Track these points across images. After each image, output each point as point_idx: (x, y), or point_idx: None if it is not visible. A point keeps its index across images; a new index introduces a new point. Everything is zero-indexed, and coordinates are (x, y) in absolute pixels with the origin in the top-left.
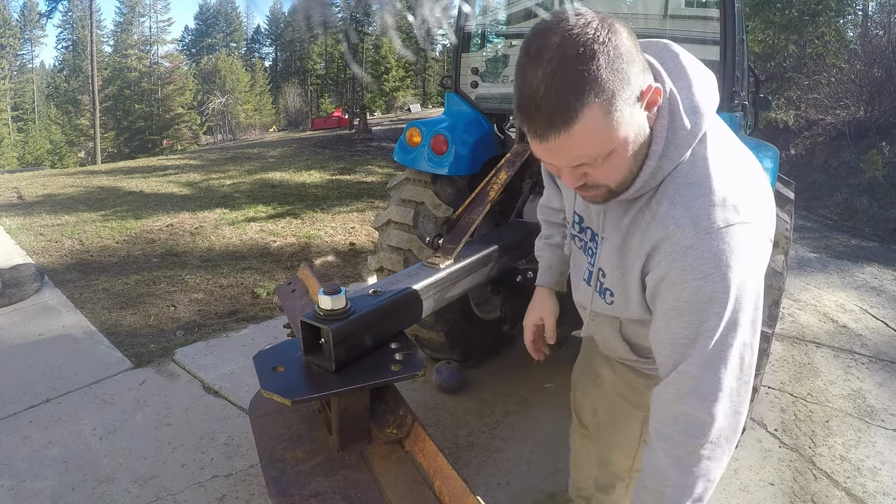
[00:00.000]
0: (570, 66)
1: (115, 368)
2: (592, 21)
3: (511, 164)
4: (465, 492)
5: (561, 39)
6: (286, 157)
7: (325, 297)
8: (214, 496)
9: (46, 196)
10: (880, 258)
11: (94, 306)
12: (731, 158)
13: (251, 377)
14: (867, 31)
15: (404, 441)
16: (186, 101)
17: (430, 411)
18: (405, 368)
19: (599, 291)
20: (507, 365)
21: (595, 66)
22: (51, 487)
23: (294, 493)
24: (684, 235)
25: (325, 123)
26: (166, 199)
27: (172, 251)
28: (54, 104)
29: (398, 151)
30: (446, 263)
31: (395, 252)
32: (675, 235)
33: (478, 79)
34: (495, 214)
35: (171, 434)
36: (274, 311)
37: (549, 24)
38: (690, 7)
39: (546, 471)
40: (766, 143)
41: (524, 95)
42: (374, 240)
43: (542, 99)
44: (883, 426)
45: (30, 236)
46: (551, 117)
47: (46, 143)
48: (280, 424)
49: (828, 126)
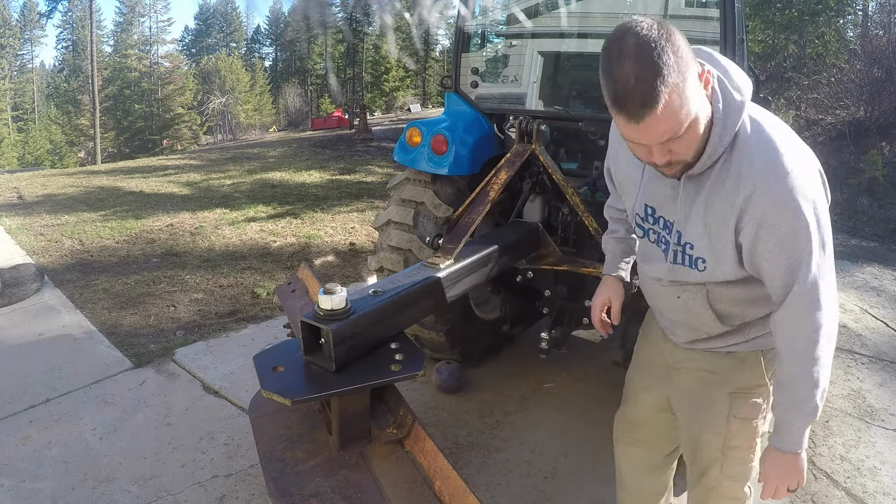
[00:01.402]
0: (649, 59)
1: (115, 368)
2: (653, 25)
3: (511, 164)
4: (465, 492)
5: (636, 40)
6: (286, 157)
7: (325, 297)
8: (214, 496)
9: (46, 196)
10: (880, 258)
11: (94, 306)
12: (770, 117)
13: (251, 377)
14: (867, 31)
15: (404, 441)
16: (186, 101)
17: (430, 411)
18: (405, 368)
19: (690, 263)
20: (507, 365)
21: (667, 58)
22: (51, 487)
23: (294, 493)
24: (769, 184)
25: (325, 123)
26: (166, 199)
27: (172, 251)
28: (54, 104)
29: (398, 151)
30: (446, 263)
31: (395, 252)
32: (762, 185)
33: (478, 79)
34: (495, 214)
35: (171, 434)
36: (274, 311)
37: (622, 32)
38: (690, 7)
39: (546, 471)
40: None
41: (618, 89)
42: (374, 240)
43: (633, 88)
44: (883, 426)
45: (30, 236)
46: (643, 101)
47: (46, 143)
48: (280, 424)
49: (828, 126)
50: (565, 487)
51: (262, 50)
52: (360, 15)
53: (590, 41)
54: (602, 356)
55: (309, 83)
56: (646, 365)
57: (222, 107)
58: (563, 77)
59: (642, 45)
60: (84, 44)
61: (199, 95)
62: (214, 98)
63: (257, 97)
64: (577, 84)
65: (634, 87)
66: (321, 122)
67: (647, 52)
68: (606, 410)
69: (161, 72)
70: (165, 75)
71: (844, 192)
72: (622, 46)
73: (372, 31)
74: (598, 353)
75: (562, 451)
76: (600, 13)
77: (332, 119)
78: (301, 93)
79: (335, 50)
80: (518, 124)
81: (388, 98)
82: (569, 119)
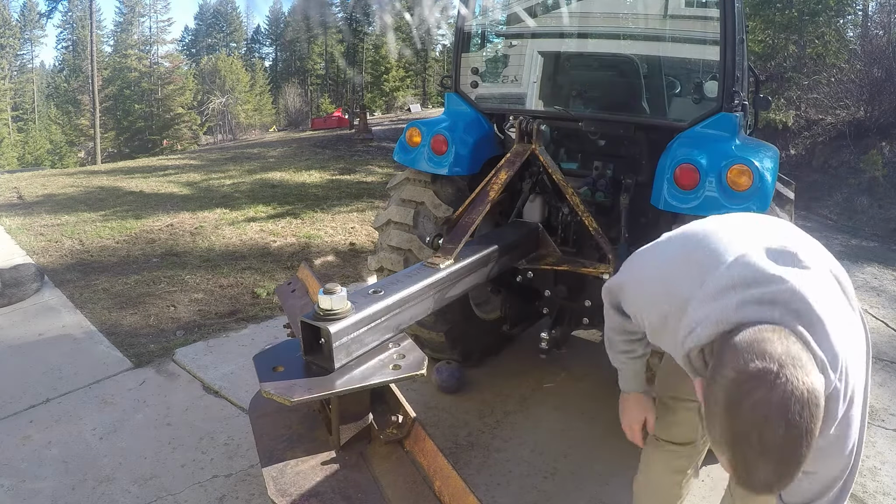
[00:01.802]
0: (794, 458)
1: (115, 368)
2: (803, 394)
3: (511, 164)
4: (465, 492)
5: (784, 431)
6: (286, 157)
7: (325, 297)
8: (214, 496)
9: (46, 196)
10: (880, 258)
11: (94, 306)
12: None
13: (251, 377)
14: (867, 31)
15: (404, 441)
16: (186, 101)
17: (430, 411)
18: (405, 368)
19: None
20: (507, 365)
21: (811, 442)
22: (51, 487)
23: (294, 493)
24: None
25: (325, 123)
26: (166, 199)
27: (172, 251)
28: (54, 104)
29: (398, 151)
30: (446, 263)
31: (395, 252)
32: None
33: (478, 79)
34: (495, 214)
35: (171, 434)
36: (274, 311)
37: (767, 413)
38: (690, 7)
39: (546, 471)
40: (766, 143)
41: (755, 483)
42: (374, 240)
43: (772, 484)
44: (883, 426)
45: (30, 236)
46: (775, 489)
47: (46, 143)
48: (280, 424)
49: (828, 126)
50: (565, 487)
51: (262, 50)
52: (360, 15)
53: (590, 41)
54: (602, 356)
55: (309, 83)
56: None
57: (222, 107)
58: (563, 77)
59: (790, 441)
60: (84, 44)
61: (199, 95)
62: (214, 98)
63: (257, 97)
64: (577, 84)
65: (773, 484)
66: (321, 122)
67: (793, 448)
68: (606, 410)
69: (161, 72)
70: (165, 75)
71: (844, 192)
72: (766, 438)
73: (372, 30)
74: (598, 353)
75: (562, 451)
76: (600, 13)
77: (332, 119)
78: (301, 93)
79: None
80: (518, 124)
81: (388, 98)
82: (569, 119)
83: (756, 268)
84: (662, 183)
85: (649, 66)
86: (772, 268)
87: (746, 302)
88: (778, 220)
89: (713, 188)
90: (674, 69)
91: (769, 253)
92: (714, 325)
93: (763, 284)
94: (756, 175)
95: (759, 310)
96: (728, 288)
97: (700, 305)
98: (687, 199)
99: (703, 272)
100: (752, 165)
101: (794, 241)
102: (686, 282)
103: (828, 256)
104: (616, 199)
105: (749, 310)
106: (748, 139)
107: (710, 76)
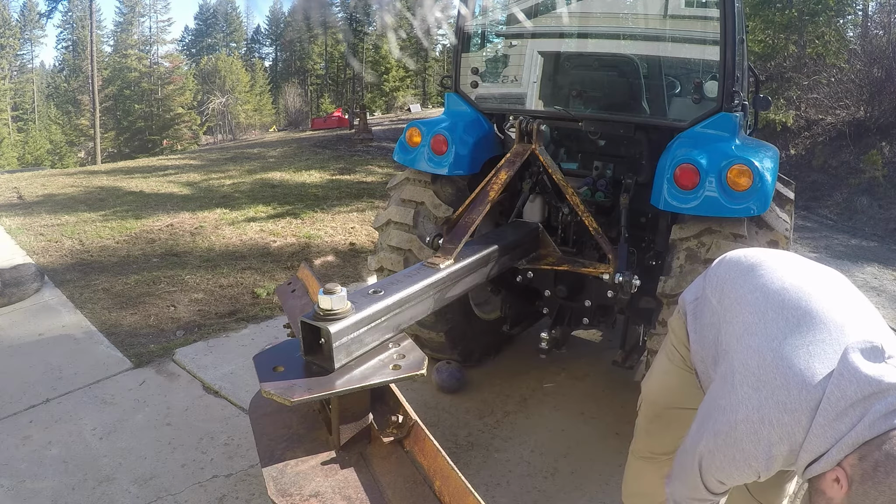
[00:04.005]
0: None
1: (115, 368)
2: None
3: (511, 164)
4: (465, 492)
5: None
6: (286, 157)
7: (325, 297)
8: (214, 496)
9: (46, 196)
10: (880, 258)
11: (94, 306)
12: None
13: (251, 377)
14: (867, 31)
15: (404, 441)
16: (186, 101)
17: (430, 411)
18: (405, 368)
19: None
20: (507, 365)
21: None
22: (51, 487)
23: (294, 493)
24: None
25: (325, 123)
26: (166, 199)
27: (172, 251)
28: (54, 104)
29: (398, 151)
30: (446, 263)
31: (395, 252)
32: None
33: (478, 79)
34: (495, 214)
35: (171, 434)
36: (274, 311)
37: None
38: (690, 7)
39: (546, 471)
40: (766, 143)
41: None
42: (374, 240)
43: None
44: None
45: (30, 236)
46: None
47: (46, 143)
48: (280, 424)
49: (828, 126)
50: (565, 487)
51: (262, 50)
52: (361, 15)
53: (590, 41)
54: (602, 356)
55: (309, 83)
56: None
57: (222, 107)
58: (563, 77)
59: None
60: (84, 44)
61: (199, 95)
62: (214, 98)
63: (257, 97)
64: (577, 84)
65: None
66: (321, 122)
67: None
68: (606, 410)
69: (161, 72)
70: (165, 75)
71: (844, 192)
72: None
73: (372, 30)
74: (598, 353)
75: (562, 451)
76: (600, 13)
77: (332, 119)
78: (301, 93)
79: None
80: (518, 124)
81: (388, 98)
82: (569, 119)
83: (864, 377)
84: (662, 183)
85: (649, 66)
86: (875, 371)
87: (876, 420)
88: (804, 280)
89: (713, 188)
90: (674, 69)
91: (864, 353)
92: (850, 446)
93: (883, 395)
94: (756, 175)
95: (888, 419)
96: (847, 408)
97: (823, 431)
98: (687, 198)
99: (803, 400)
100: (752, 165)
101: (863, 322)
102: (788, 421)
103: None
104: (616, 199)
105: (881, 424)
106: (748, 139)
107: (710, 76)
